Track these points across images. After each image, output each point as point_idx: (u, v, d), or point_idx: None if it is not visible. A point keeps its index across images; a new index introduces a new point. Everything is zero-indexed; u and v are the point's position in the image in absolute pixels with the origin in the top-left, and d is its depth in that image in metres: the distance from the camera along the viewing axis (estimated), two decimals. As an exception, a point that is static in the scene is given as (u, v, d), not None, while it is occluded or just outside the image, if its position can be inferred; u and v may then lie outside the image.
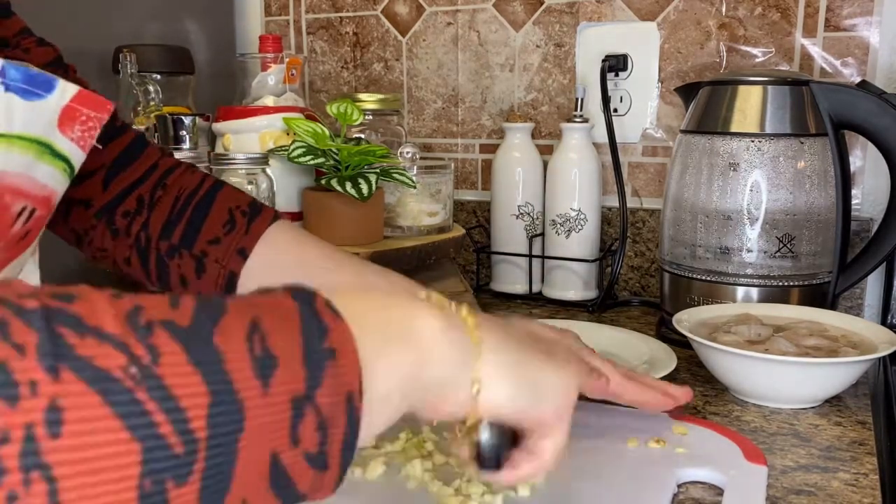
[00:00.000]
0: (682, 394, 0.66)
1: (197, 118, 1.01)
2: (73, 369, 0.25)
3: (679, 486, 0.59)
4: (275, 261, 0.67)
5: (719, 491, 0.58)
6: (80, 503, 0.25)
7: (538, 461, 0.44)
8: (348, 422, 0.32)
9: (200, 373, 0.28)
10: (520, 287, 1.18)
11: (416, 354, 0.37)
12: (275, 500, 0.31)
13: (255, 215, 0.67)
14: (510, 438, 0.44)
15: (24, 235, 0.51)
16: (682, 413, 0.69)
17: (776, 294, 0.91)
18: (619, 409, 0.67)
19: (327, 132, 0.95)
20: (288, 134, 1.01)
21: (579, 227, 1.12)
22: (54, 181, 0.51)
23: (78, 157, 0.52)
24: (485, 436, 0.42)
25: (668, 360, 0.80)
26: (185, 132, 0.99)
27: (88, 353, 0.26)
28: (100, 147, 0.55)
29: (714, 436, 0.65)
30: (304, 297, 0.33)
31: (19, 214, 0.49)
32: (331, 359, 0.32)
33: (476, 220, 1.28)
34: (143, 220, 0.67)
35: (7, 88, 0.46)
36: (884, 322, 0.99)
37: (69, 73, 0.66)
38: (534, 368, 0.43)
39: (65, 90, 0.49)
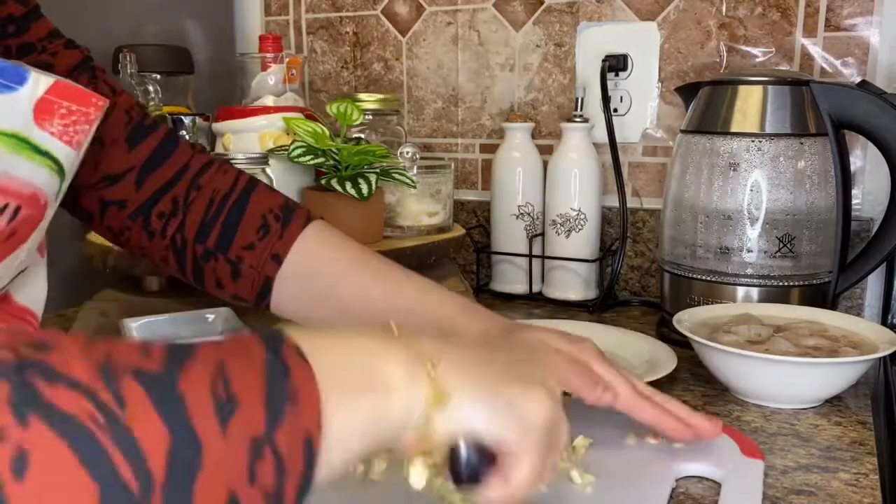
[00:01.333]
0: (708, 429, 0.60)
1: (197, 118, 1.02)
2: (42, 417, 0.26)
3: (677, 480, 0.59)
4: (309, 268, 0.68)
5: (717, 486, 0.58)
6: None
7: (507, 489, 0.41)
8: (306, 463, 0.33)
9: (163, 417, 0.29)
10: (520, 287, 1.18)
11: (378, 398, 0.37)
12: None
13: (288, 220, 0.68)
14: (491, 457, 0.42)
15: (9, 234, 0.50)
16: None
17: (776, 294, 0.91)
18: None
19: (327, 132, 0.95)
20: (288, 134, 1.01)
21: (579, 227, 1.12)
22: (39, 178, 0.50)
23: (63, 152, 0.51)
24: (462, 451, 0.41)
25: (668, 360, 0.80)
26: (184, 132, 0.99)
27: (57, 401, 0.27)
28: (90, 143, 0.54)
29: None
30: (272, 342, 0.34)
31: (1, 212, 0.49)
32: (291, 402, 0.33)
33: (476, 220, 1.28)
34: (178, 223, 0.67)
35: None
36: (884, 322, 0.99)
37: (96, 75, 0.65)
38: (498, 394, 0.41)
39: (38, 82, 0.48)
